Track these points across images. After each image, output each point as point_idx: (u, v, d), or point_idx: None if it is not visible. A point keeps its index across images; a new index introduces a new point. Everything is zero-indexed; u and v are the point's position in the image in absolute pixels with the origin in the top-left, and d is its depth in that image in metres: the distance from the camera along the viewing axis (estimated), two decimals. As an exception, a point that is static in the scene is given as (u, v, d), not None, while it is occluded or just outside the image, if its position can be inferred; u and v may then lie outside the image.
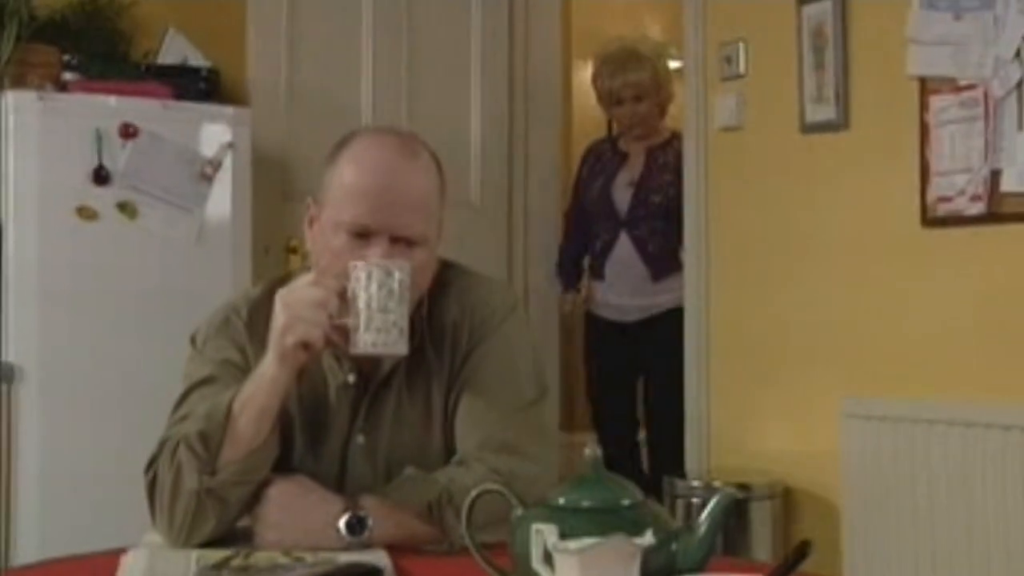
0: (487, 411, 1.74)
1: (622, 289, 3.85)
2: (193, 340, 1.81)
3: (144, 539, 1.64)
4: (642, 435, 4.03)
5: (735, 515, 2.90)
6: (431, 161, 1.78)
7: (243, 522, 1.68)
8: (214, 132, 3.23)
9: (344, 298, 1.58)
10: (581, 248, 4.02)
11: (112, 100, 3.12)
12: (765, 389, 3.23)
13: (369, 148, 1.75)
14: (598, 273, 3.91)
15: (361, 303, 1.56)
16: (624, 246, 3.83)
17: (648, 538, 1.14)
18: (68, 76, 3.33)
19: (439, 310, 1.79)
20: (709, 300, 3.41)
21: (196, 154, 3.18)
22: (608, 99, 3.93)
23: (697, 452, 3.38)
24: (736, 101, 3.31)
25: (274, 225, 3.69)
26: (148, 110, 3.14)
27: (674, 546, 1.25)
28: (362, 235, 1.67)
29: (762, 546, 2.95)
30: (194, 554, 1.59)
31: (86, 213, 3.05)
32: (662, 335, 3.72)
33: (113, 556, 1.53)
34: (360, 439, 1.75)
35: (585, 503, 1.26)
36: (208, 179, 3.18)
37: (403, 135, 1.82)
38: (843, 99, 2.98)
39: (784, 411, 3.18)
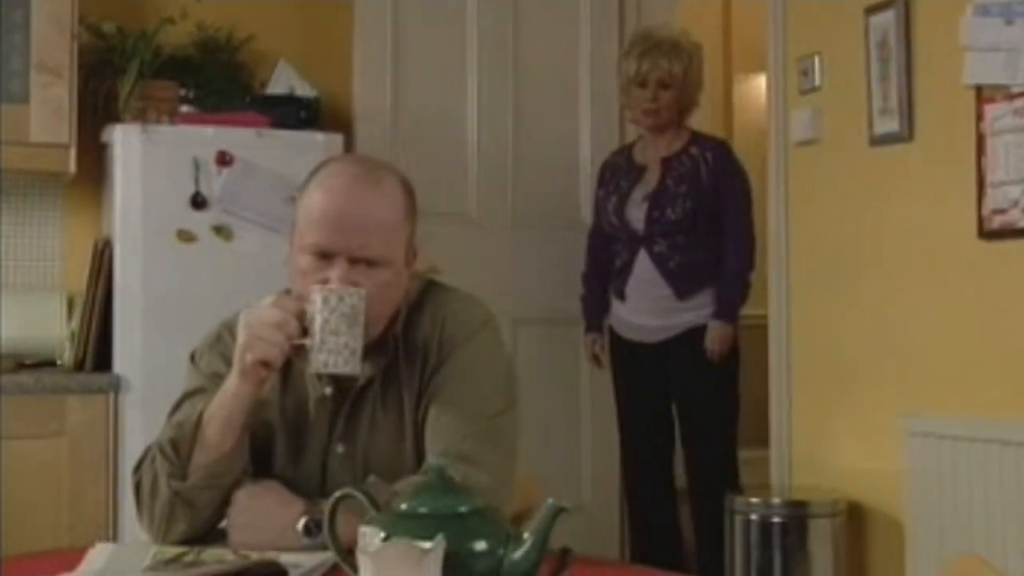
0: (449, 422, 1.83)
1: (644, 309, 3.68)
2: (192, 355, 1.98)
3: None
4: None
5: (795, 533, 2.88)
6: (396, 187, 1.88)
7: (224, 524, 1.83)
8: (306, 158, 3.40)
9: (303, 320, 1.71)
10: (601, 278, 3.85)
11: (210, 130, 3.36)
12: (835, 406, 3.19)
13: (332, 175, 1.87)
14: (620, 294, 3.75)
15: (316, 325, 1.68)
16: (644, 264, 3.66)
17: (437, 543, 1.21)
18: (184, 109, 3.59)
19: (413, 326, 1.90)
20: (790, 316, 3.38)
21: (287, 179, 3.36)
22: (632, 79, 3.71)
23: (779, 469, 3.35)
24: (811, 115, 3.27)
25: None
26: (244, 139, 3.35)
27: (501, 552, 1.31)
28: (324, 256, 1.80)
29: (822, 564, 2.91)
30: (152, 549, 1.75)
31: (185, 236, 3.28)
32: (686, 357, 3.58)
33: (82, 551, 1.71)
34: (340, 448, 1.87)
35: (422, 509, 1.33)
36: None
37: (368, 163, 1.94)
38: (907, 110, 2.93)
39: (852, 428, 3.13)
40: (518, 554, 1.30)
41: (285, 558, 1.60)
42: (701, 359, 3.55)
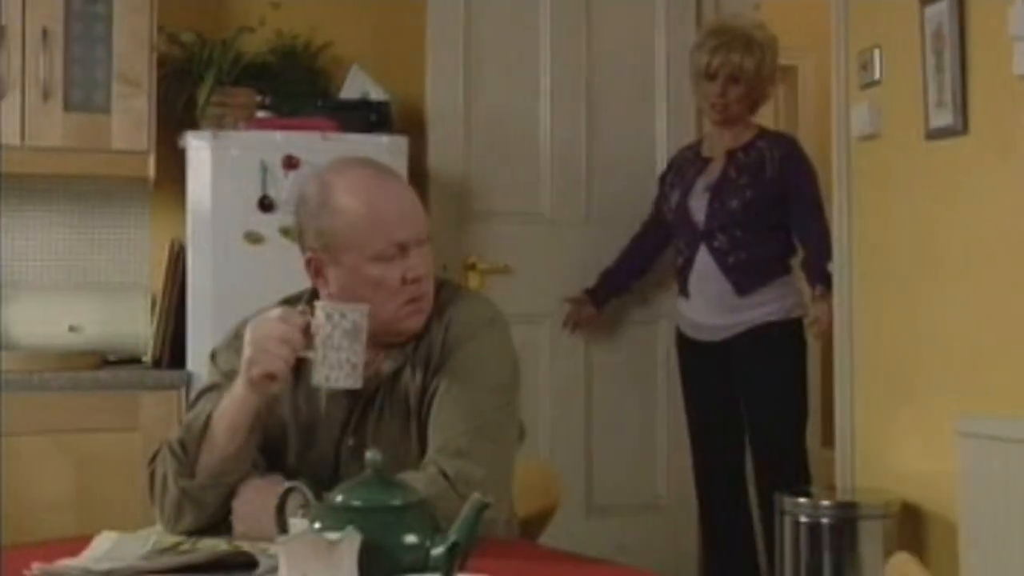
0: (448, 418, 1.89)
1: (706, 306, 3.63)
2: (212, 352, 2.07)
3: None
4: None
5: (845, 535, 2.84)
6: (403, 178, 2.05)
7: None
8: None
9: (307, 333, 1.78)
10: (632, 267, 3.90)
11: (278, 135, 3.47)
12: (895, 405, 3.12)
13: (357, 184, 1.94)
14: (683, 291, 3.71)
15: (318, 340, 1.74)
16: (704, 261, 3.60)
17: (346, 535, 1.25)
18: (261, 114, 3.72)
19: (431, 328, 1.96)
20: (853, 314, 3.33)
21: (353, 180, 3.45)
22: (702, 72, 3.66)
23: (843, 469, 3.30)
24: (871, 109, 3.21)
25: (452, 245, 3.92)
26: (309, 142, 3.45)
27: (428, 545, 1.36)
28: (393, 256, 1.88)
29: (872, 567, 2.86)
30: (152, 538, 1.84)
31: (253, 237, 3.40)
32: (754, 354, 3.52)
33: (88, 539, 1.81)
34: (351, 441, 1.94)
35: (355, 502, 1.39)
36: (364, 205, 3.45)
37: (367, 160, 2.03)
38: (960, 103, 2.84)
39: (909, 429, 3.06)
40: (442, 548, 1.34)
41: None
42: (765, 356, 3.50)
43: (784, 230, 3.60)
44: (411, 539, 1.34)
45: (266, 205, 3.41)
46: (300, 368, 1.95)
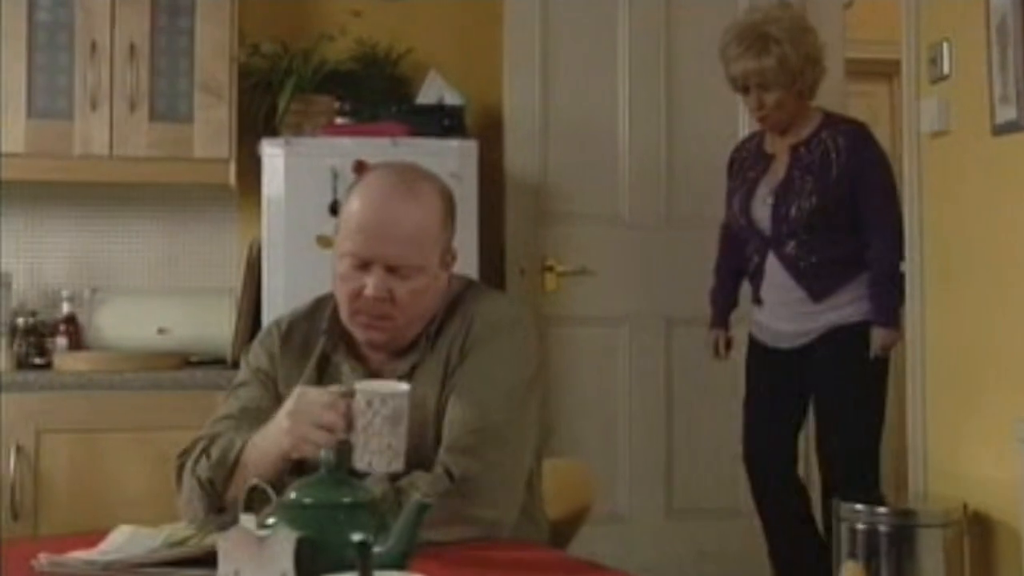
0: (458, 417, 1.91)
1: (781, 314, 3.45)
2: (244, 349, 2.15)
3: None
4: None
5: (904, 543, 2.76)
6: (433, 196, 1.98)
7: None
8: (440, 164, 3.52)
9: (351, 417, 1.75)
10: (733, 272, 3.65)
11: (348, 141, 3.55)
12: (965, 409, 3.02)
13: (371, 185, 1.99)
14: (756, 298, 3.53)
15: (359, 427, 1.71)
16: (774, 267, 3.42)
17: (276, 530, 1.29)
18: (340, 121, 3.81)
19: (445, 325, 1.99)
20: (924, 315, 3.23)
21: (426, 185, 3.50)
22: (733, 85, 3.46)
23: (915, 475, 3.21)
24: (940, 104, 3.11)
25: (530, 247, 3.95)
26: (379, 148, 3.51)
27: (372, 542, 1.38)
28: (362, 265, 1.92)
29: (931, 574, 2.78)
30: (165, 531, 1.91)
31: (324, 241, 3.47)
32: (826, 356, 3.35)
33: (105, 533, 1.89)
34: None
35: (307, 500, 1.42)
36: (433, 207, 3.50)
37: (408, 172, 2.03)
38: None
39: (978, 434, 2.96)
40: (384, 547, 1.37)
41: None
42: (841, 359, 3.36)
43: (855, 230, 3.39)
44: (355, 537, 1.36)
45: (336, 209, 3.47)
46: (326, 364, 2.00)
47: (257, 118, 3.80)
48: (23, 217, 3.88)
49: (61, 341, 3.66)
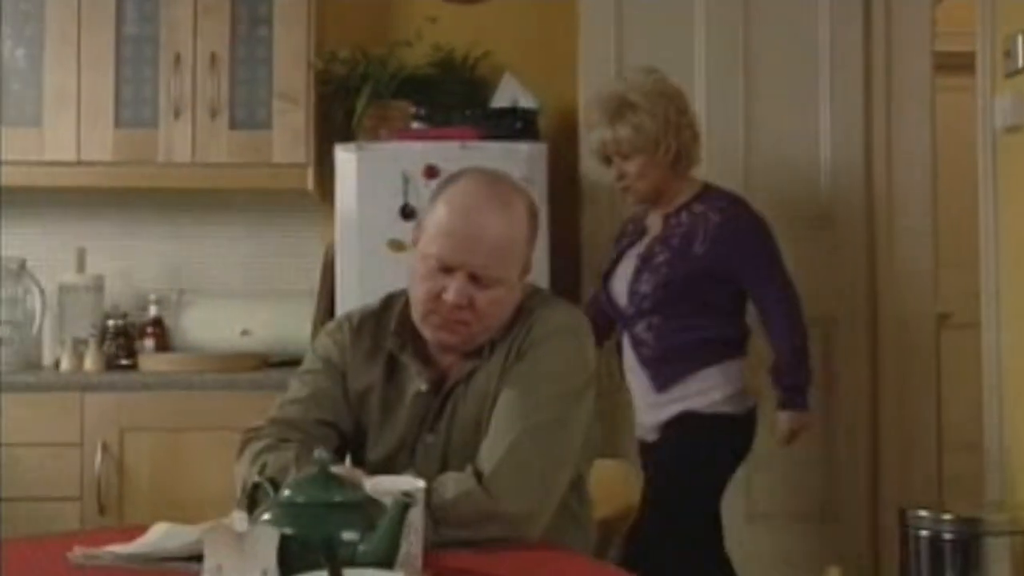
0: (499, 419, 1.95)
1: (638, 402, 3.18)
2: (315, 339, 2.20)
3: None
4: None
5: (970, 552, 2.69)
6: (522, 210, 2.02)
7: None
8: (509, 168, 3.53)
9: None
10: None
11: (418, 145, 3.59)
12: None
13: (463, 192, 2.02)
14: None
15: None
16: (627, 350, 3.15)
17: (255, 528, 1.33)
18: (416, 125, 3.86)
19: (513, 331, 2.02)
20: (1000, 316, 3.14)
21: (493, 188, 3.53)
22: (596, 156, 3.22)
23: (992, 482, 3.12)
24: (1013, 99, 3.02)
25: (606, 251, 3.93)
26: (448, 152, 3.55)
27: (359, 543, 1.41)
28: (444, 269, 1.96)
29: (997, 584, 2.70)
30: (205, 527, 1.97)
31: (396, 245, 3.53)
32: (660, 446, 3.03)
33: (145, 528, 1.95)
34: (429, 438, 2.03)
35: (300, 499, 1.46)
36: (502, 210, 3.53)
37: (500, 183, 2.06)
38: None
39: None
40: (369, 545, 1.40)
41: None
42: (669, 443, 3.03)
43: (722, 312, 3.10)
44: (344, 535, 1.40)
45: (407, 213, 3.53)
46: (395, 363, 2.05)
47: (335, 124, 3.87)
48: (116, 223, 4.03)
49: (148, 342, 3.79)
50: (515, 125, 3.75)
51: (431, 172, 3.54)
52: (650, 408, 3.09)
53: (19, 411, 3.46)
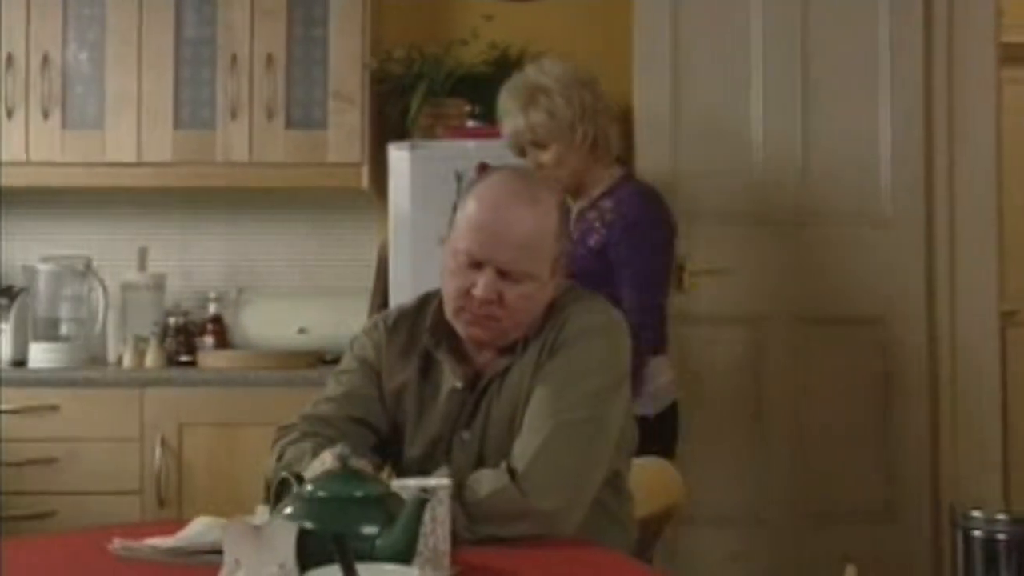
0: (531, 417, 1.97)
1: None
2: (352, 338, 2.23)
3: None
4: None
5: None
6: (551, 206, 2.04)
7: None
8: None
9: None
10: None
11: (471, 143, 3.61)
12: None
13: (492, 188, 2.05)
14: None
15: None
16: None
17: (270, 521, 1.35)
18: (471, 124, 3.88)
19: (546, 328, 2.04)
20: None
21: (543, 186, 3.54)
22: (511, 148, 3.06)
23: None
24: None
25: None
26: (501, 150, 3.51)
27: (377, 538, 1.43)
28: (474, 264, 1.99)
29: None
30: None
31: (448, 243, 3.55)
32: None
33: (186, 522, 1.99)
34: (465, 435, 2.05)
35: (321, 493, 1.48)
36: (554, 208, 3.53)
37: (528, 179, 2.10)
38: None
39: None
40: (387, 540, 1.41)
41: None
42: None
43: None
44: (362, 529, 1.41)
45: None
46: (431, 361, 2.07)
47: (390, 123, 3.90)
48: (176, 223, 4.11)
49: (208, 340, 3.86)
50: (568, 122, 3.74)
51: (484, 170, 3.53)
52: None
53: (82, 406, 3.55)
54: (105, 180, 3.79)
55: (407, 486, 1.60)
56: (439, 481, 1.64)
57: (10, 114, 3.77)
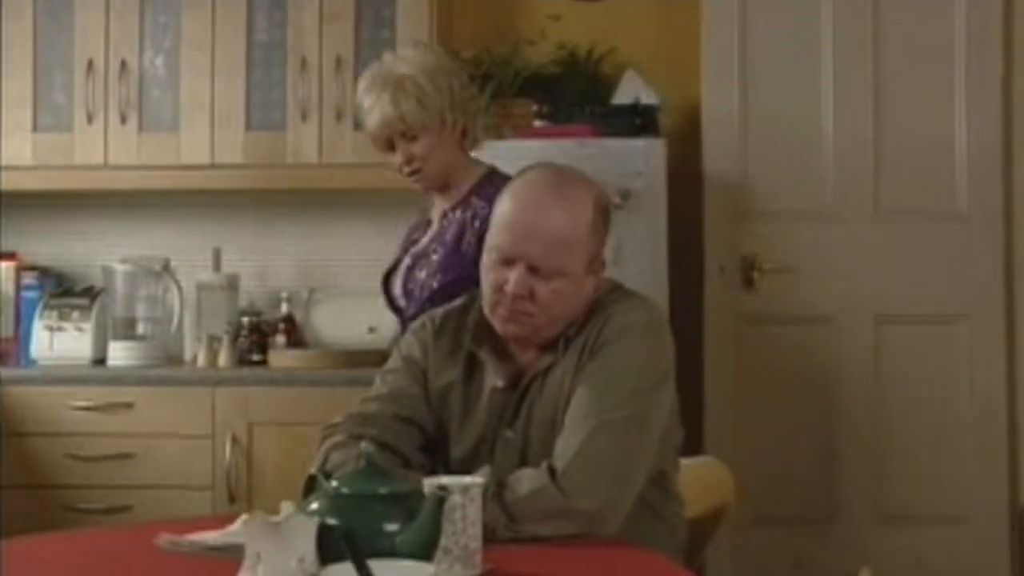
0: (573, 416, 1.97)
1: None
2: (398, 338, 2.26)
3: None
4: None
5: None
6: (584, 202, 2.04)
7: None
8: (625, 164, 3.57)
9: None
10: None
11: (535, 144, 3.61)
12: None
13: (526, 184, 2.07)
14: None
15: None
16: None
17: (287, 517, 1.37)
18: (538, 124, 3.89)
19: (585, 326, 2.04)
20: None
21: (607, 186, 3.49)
22: (376, 144, 2.80)
23: None
24: None
25: (729, 244, 3.90)
26: (565, 150, 3.54)
27: (398, 535, 1.44)
28: (506, 261, 2.00)
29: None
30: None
31: (512, 243, 3.56)
32: None
33: (234, 517, 2.03)
34: (509, 435, 2.06)
35: (345, 489, 1.50)
36: (617, 208, 3.51)
37: (562, 175, 2.09)
38: None
39: None
40: (407, 536, 1.43)
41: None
42: None
43: None
44: (384, 526, 1.43)
45: (522, 212, 3.55)
46: (475, 362, 2.09)
47: (456, 124, 3.92)
48: (249, 224, 4.17)
49: (280, 339, 3.92)
50: (635, 122, 3.73)
51: (541, 170, 3.54)
52: None
53: (157, 404, 3.63)
54: (179, 182, 3.88)
55: (439, 484, 1.61)
56: (472, 480, 1.65)
57: (90, 119, 3.87)
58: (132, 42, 3.88)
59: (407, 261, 2.82)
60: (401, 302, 2.82)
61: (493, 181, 2.75)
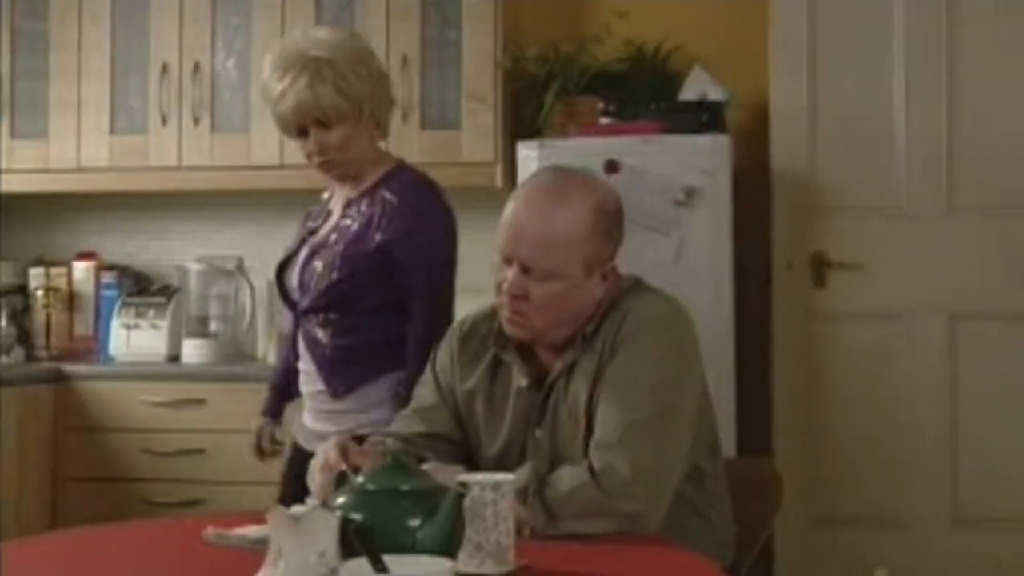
0: (604, 413, 1.99)
1: (310, 408, 2.66)
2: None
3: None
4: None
5: None
6: (583, 205, 2.04)
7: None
8: (690, 161, 3.54)
9: None
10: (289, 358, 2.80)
11: (600, 141, 3.60)
12: None
13: (528, 187, 2.14)
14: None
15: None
16: (301, 349, 2.64)
17: (308, 511, 1.38)
18: (604, 121, 3.88)
19: (604, 323, 2.05)
20: None
21: (672, 183, 3.52)
22: (286, 130, 2.61)
23: None
24: None
25: (797, 241, 3.85)
26: (632, 146, 3.55)
27: (418, 530, 1.45)
28: (506, 261, 2.03)
29: None
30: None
31: (574, 240, 3.56)
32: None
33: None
34: (538, 434, 2.08)
35: (370, 485, 1.52)
36: (682, 205, 3.51)
37: (565, 178, 2.11)
38: None
39: None
40: (427, 532, 1.44)
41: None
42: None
43: (399, 312, 2.56)
44: (405, 522, 1.44)
45: (584, 210, 3.54)
46: (499, 363, 2.10)
47: (524, 122, 3.94)
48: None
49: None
50: (701, 118, 3.70)
51: (611, 167, 3.54)
52: (325, 416, 2.60)
53: (228, 401, 3.70)
54: (250, 182, 3.95)
55: (475, 481, 1.62)
56: (504, 476, 1.66)
57: (164, 121, 3.96)
58: (204, 44, 3.97)
59: (304, 251, 2.66)
60: (296, 295, 2.66)
61: (402, 174, 2.64)
